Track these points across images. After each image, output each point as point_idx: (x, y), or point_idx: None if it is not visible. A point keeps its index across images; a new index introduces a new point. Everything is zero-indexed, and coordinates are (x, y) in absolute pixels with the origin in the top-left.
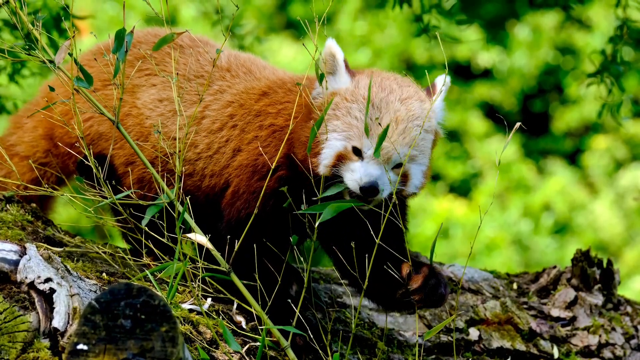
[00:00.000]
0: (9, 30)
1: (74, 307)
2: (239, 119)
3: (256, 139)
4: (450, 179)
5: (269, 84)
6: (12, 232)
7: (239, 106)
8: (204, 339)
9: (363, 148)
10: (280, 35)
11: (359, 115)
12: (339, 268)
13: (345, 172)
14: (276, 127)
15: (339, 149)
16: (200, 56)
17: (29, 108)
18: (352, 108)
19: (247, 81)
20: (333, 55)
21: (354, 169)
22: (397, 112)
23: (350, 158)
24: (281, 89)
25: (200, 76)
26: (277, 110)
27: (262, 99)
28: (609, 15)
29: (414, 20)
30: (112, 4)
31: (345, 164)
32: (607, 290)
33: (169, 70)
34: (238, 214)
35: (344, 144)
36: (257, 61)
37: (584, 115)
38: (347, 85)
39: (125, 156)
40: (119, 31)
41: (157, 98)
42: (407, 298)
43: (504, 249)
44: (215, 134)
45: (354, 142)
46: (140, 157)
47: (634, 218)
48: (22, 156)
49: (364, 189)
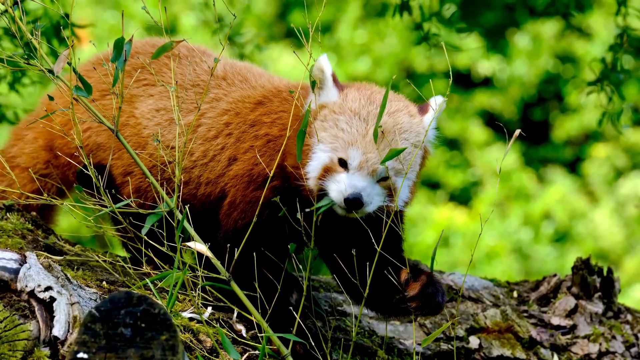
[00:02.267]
0: (9, 39)
1: (74, 316)
2: (234, 128)
3: (252, 148)
4: (451, 188)
5: (264, 92)
6: (12, 241)
7: (235, 115)
8: (204, 347)
9: (348, 160)
10: (280, 43)
11: (345, 127)
12: (337, 276)
13: (330, 183)
14: (271, 136)
15: (325, 161)
16: (196, 65)
17: (30, 120)
18: (339, 120)
19: (243, 89)
20: (321, 70)
21: (339, 180)
22: (384, 124)
23: (335, 170)
24: (276, 98)
25: (196, 85)
26: (272, 119)
27: (258, 108)
28: (609, 24)
29: (414, 28)
30: (112, 13)
31: (331, 176)
32: (608, 298)
33: (167, 80)
34: (235, 224)
35: (330, 156)
36: (253, 69)
37: (584, 124)
38: (335, 99)
39: (123, 166)
40: (117, 40)
41: (155, 108)
42: (404, 305)
43: (504, 258)
44: (211, 141)
45: (339, 153)
46: (140, 166)
47: (634, 226)
48: (22, 167)
49: (347, 201)
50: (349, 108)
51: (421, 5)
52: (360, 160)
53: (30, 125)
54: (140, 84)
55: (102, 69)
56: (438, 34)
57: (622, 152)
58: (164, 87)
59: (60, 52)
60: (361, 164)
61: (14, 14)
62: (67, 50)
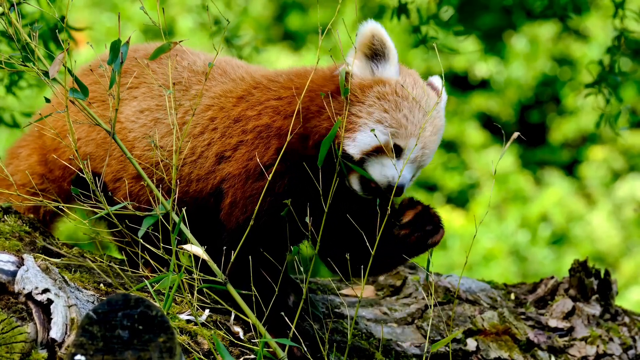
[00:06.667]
0: (6, 42)
1: (71, 318)
2: (219, 122)
3: (242, 144)
4: (448, 190)
5: (244, 86)
6: (10, 243)
7: (219, 109)
8: (201, 349)
9: (405, 149)
10: (277, 45)
11: (408, 114)
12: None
13: (374, 163)
14: (261, 127)
15: (381, 142)
16: (177, 63)
17: (25, 138)
18: (402, 104)
19: (223, 83)
20: (383, 41)
21: (387, 165)
22: (434, 119)
23: (387, 153)
24: (257, 90)
25: (178, 83)
26: (257, 111)
27: (240, 103)
28: (606, 26)
29: (412, 31)
30: (109, 16)
31: (377, 157)
32: (605, 300)
33: (149, 81)
34: (237, 221)
35: (387, 139)
36: (232, 61)
37: (581, 126)
38: (398, 78)
39: (112, 173)
40: (114, 42)
41: (139, 109)
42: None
43: (501, 260)
44: (197, 138)
45: (399, 140)
46: (135, 167)
47: (632, 229)
48: (19, 185)
49: (391, 187)
50: (411, 94)
51: (419, 8)
52: (416, 154)
53: (27, 125)
54: (124, 87)
55: (89, 79)
56: (436, 37)
57: (619, 155)
58: (147, 88)
59: (57, 55)
60: (416, 157)
61: (11, 16)
62: (61, 54)
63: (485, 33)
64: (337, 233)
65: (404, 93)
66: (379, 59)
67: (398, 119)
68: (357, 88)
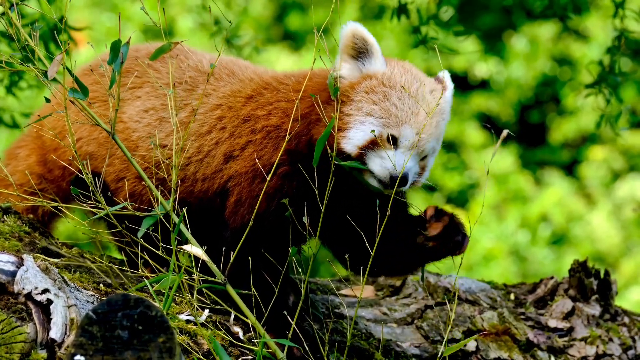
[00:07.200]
0: (6, 42)
1: (71, 318)
2: (227, 122)
3: (250, 143)
4: (448, 190)
5: (253, 86)
6: (9, 243)
7: (228, 109)
8: (201, 350)
9: (400, 138)
10: (277, 45)
11: (397, 103)
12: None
13: (374, 157)
14: (270, 127)
15: (375, 134)
16: (181, 63)
17: (23, 139)
18: (390, 94)
19: (231, 83)
20: (363, 38)
21: (385, 157)
22: (430, 104)
23: (383, 145)
24: (267, 90)
25: (184, 82)
26: (267, 111)
27: (249, 103)
28: (606, 26)
29: (412, 31)
30: (109, 15)
31: (375, 150)
32: (605, 301)
33: (153, 81)
34: (242, 220)
35: (380, 131)
36: (238, 62)
37: (581, 126)
38: (384, 70)
39: (115, 173)
40: (114, 42)
41: (143, 109)
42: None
43: (501, 260)
44: (204, 137)
45: (391, 130)
46: (135, 167)
47: (632, 229)
48: (17, 185)
49: (393, 179)
50: (399, 83)
51: (419, 8)
52: (412, 140)
53: (27, 126)
54: (126, 87)
55: (89, 79)
56: (436, 37)
57: (619, 155)
58: (150, 87)
59: (56, 56)
60: (413, 144)
61: (11, 16)
62: (60, 55)
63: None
64: (350, 234)
65: (391, 83)
66: (363, 56)
67: (387, 108)
68: (348, 88)
